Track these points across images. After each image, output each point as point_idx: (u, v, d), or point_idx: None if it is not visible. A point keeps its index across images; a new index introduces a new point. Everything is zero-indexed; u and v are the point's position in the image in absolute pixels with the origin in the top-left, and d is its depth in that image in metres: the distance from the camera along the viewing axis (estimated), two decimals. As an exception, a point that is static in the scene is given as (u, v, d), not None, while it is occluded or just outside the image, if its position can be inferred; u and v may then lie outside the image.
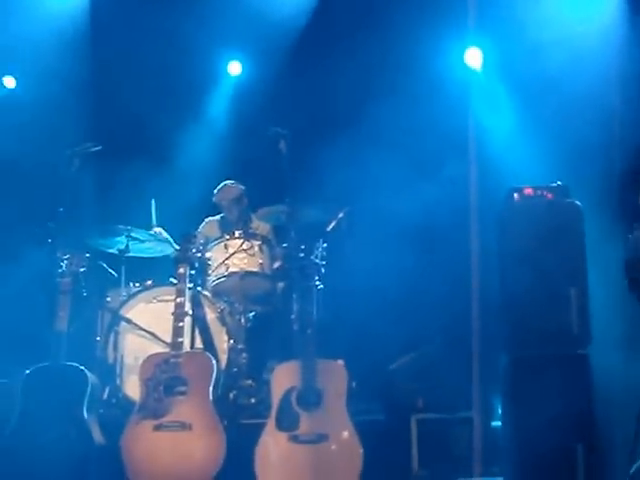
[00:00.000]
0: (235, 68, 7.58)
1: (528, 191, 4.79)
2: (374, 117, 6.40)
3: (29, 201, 6.10)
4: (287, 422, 4.59)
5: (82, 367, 4.82)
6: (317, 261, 4.96)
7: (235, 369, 5.52)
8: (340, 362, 4.82)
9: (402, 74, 6.49)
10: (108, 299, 5.79)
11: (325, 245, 5.03)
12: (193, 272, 5.23)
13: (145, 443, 4.61)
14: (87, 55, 6.86)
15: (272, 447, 4.58)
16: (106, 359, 5.54)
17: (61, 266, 5.01)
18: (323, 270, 5.02)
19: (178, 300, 4.86)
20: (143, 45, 6.71)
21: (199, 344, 5.41)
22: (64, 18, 6.91)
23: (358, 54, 6.56)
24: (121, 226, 5.78)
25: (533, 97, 6.16)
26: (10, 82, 7.46)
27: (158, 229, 6.16)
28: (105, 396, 5.36)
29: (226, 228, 6.34)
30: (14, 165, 6.30)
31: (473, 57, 6.68)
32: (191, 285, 5.25)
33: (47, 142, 6.29)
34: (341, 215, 5.78)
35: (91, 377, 4.83)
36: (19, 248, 5.95)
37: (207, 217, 6.58)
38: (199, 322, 5.35)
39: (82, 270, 5.08)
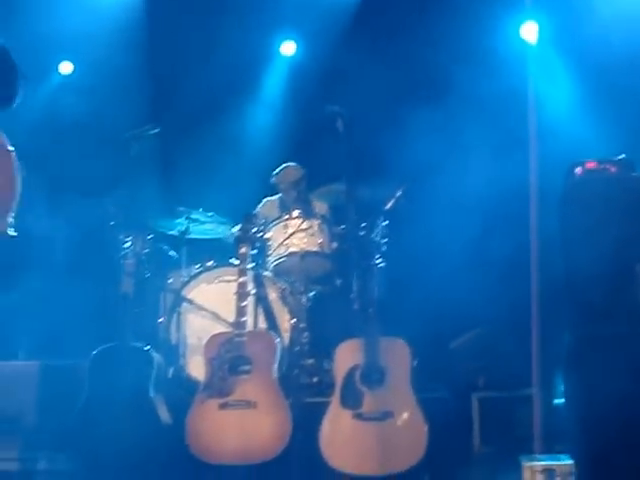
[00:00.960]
0: (289, 48, 7.58)
1: (591, 165, 4.69)
2: (431, 94, 6.36)
3: (91, 185, 6.17)
4: (351, 400, 4.61)
5: (148, 347, 4.89)
6: (378, 239, 4.94)
7: (297, 348, 5.53)
8: (401, 340, 4.80)
9: (460, 49, 6.42)
10: (169, 280, 5.84)
11: (385, 223, 5.00)
12: (255, 252, 5.26)
13: (211, 422, 4.67)
14: (143, 38, 6.90)
15: (337, 425, 4.60)
16: (169, 340, 5.59)
17: (124, 248, 5.08)
18: (384, 248, 5.00)
19: (241, 280, 4.89)
20: (197, 27, 6.73)
21: (261, 323, 5.45)
22: (119, 3, 6.97)
23: (414, 30, 6.51)
24: (181, 208, 5.82)
25: (592, 69, 6.08)
26: (67, 68, 7.56)
27: None
28: (169, 376, 5.42)
29: (285, 208, 6.34)
30: (74, 150, 6.37)
31: (529, 31, 6.63)
32: (252, 265, 5.27)
33: (106, 126, 6.35)
34: (399, 193, 5.74)
35: (157, 357, 4.89)
36: (82, 232, 6.04)
37: (265, 197, 6.61)
38: (262, 301, 5.39)
39: (145, 252, 5.13)
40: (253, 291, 5.20)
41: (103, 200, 5.55)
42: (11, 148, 2.57)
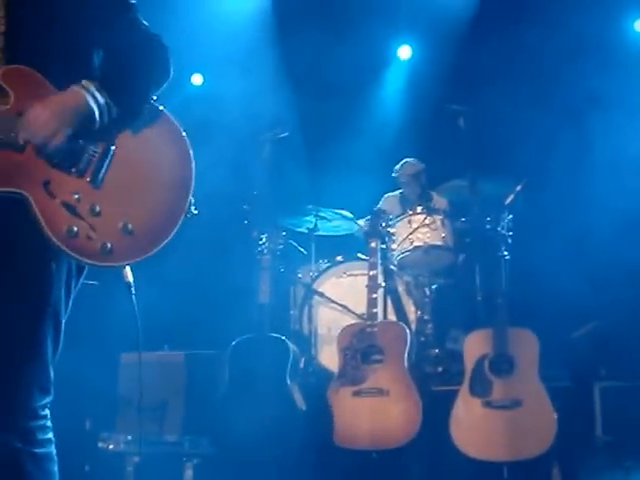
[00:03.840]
0: (405, 52, 7.50)
1: None
2: (549, 91, 6.15)
3: (225, 186, 6.21)
4: (480, 388, 4.50)
5: (284, 337, 4.89)
6: (503, 232, 4.80)
7: (422, 339, 5.45)
8: (529, 330, 4.66)
9: (575, 47, 6.18)
10: (299, 275, 5.84)
11: (511, 217, 4.87)
12: (384, 246, 5.20)
13: (345, 408, 4.63)
14: (270, 45, 6.92)
15: (467, 412, 4.50)
16: (301, 330, 5.58)
17: (260, 244, 5.10)
18: (509, 241, 4.86)
19: (371, 273, 4.83)
20: (320, 34, 6.70)
21: (389, 315, 5.37)
22: (248, 10, 7.01)
23: (531, 29, 6.29)
24: (310, 206, 5.80)
25: None
26: (198, 79, 7.66)
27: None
28: (301, 365, 5.40)
29: (405, 204, 6.29)
30: (210, 154, 6.40)
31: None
32: (382, 259, 5.20)
33: (240, 130, 6.38)
34: (519, 188, 5.59)
35: (292, 347, 4.88)
36: (219, 230, 6.08)
37: (386, 194, 6.54)
38: (391, 294, 5.32)
39: (280, 248, 5.15)
40: (383, 284, 5.11)
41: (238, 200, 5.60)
42: (184, 133, 2.52)
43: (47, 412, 2.40)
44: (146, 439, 5.02)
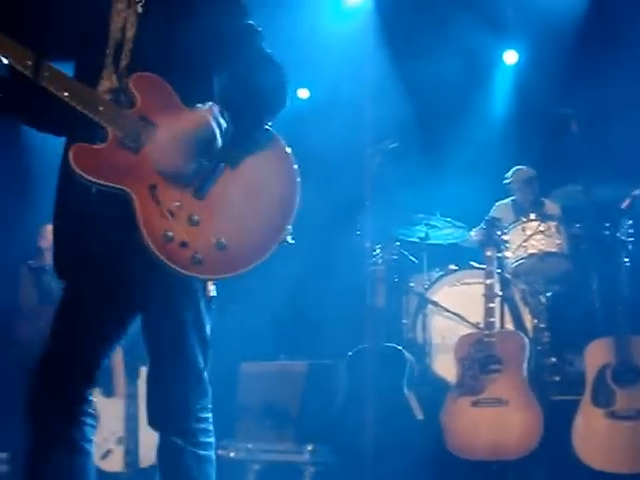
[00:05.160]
0: (511, 57, 7.36)
1: None
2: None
3: (339, 197, 6.22)
4: (603, 398, 4.36)
5: (400, 347, 4.85)
6: (624, 238, 4.64)
7: (539, 347, 5.30)
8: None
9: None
10: (412, 284, 5.79)
11: (631, 222, 4.70)
12: (499, 254, 5.11)
13: (464, 419, 4.57)
14: (377, 54, 6.86)
15: (589, 423, 4.36)
16: (415, 340, 5.52)
17: (374, 255, 5.08)
18: (630, 247, 4.69)
19: (488, 282, 4.75)
20: (427, 40, 6.64)
21: (506, 324, 5.26)
22: (352, 21, 7.01)
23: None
24: (420, 215, 5.74)
25: None
26: (304, 93, 7.71)
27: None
28: (416, 374, 5.35)
29: (517, 211, 6.17)
30: (322, 166, 6.42)
31: None
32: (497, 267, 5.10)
33: (349, 142, 6.38)
34: (636, 192, 5.39)
35: (408, 356, 4.85)
36: (332, 240, 6.10)
37: (497, 202, 6.42)
38: (508, 302, 5.21)
39: (394, 258, 5.12)
40: (500, 292, 5.01)
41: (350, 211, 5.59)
42: (289, 150, 2.49)
43: (208, 416, 2.48)
44: (266, 447, 5.08)
